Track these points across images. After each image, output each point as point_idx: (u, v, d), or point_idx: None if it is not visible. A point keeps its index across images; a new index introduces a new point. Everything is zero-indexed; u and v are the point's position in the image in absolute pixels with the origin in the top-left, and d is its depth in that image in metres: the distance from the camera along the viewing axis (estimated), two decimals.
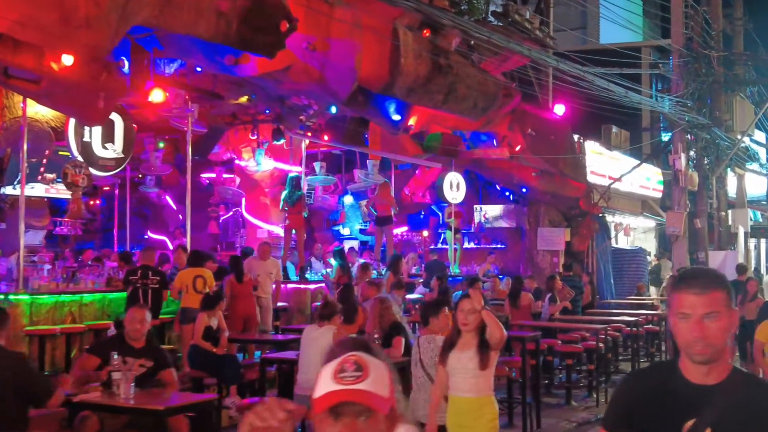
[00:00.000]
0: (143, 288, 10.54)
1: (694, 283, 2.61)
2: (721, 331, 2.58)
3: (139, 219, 24.80)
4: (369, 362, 2.07)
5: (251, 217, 16.36)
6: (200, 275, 11.09)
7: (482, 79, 14.32)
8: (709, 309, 2.56)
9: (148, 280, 10.60)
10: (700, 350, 2.55)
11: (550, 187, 18.57)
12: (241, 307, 11.18)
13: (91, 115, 9.54)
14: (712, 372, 2.59)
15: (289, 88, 12.42)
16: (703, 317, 2.55)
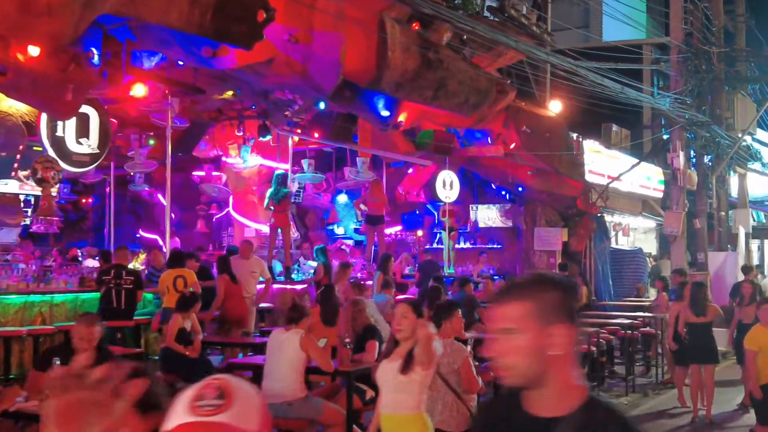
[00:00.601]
0: (116, 288, 10.18)
1: (499, 294, 2.21)
2: (519, 351, 2.09)
3: (133, 217, 24.52)
4: (235, 389, 1.67)
5: (238, 215, 15.98)
6: (181, 275, 10.80)
7: (474, 74, 13.91)
8: (505, 324, 2.12)
9: (122, 280, 10.24)
10: (498, 372, 2.13)
11: (547, 186, 18.18)
12: (234, 308, 10.81)
13: (59, 108, 9.17)
14: (552, 402, 2.11)
15: (273, 82, 12.04)
16: (498, 333, 2.12)
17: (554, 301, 2.13)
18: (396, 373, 5.10)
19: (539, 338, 2.09)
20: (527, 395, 2.16)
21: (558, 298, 2.14)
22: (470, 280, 13.98)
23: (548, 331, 2.09)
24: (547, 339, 2.09)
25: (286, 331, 6.91)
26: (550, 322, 2.10)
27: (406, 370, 5.06)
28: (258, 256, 12.54)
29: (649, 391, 13.31)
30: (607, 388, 13.23)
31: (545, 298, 2.13)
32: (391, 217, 20.22)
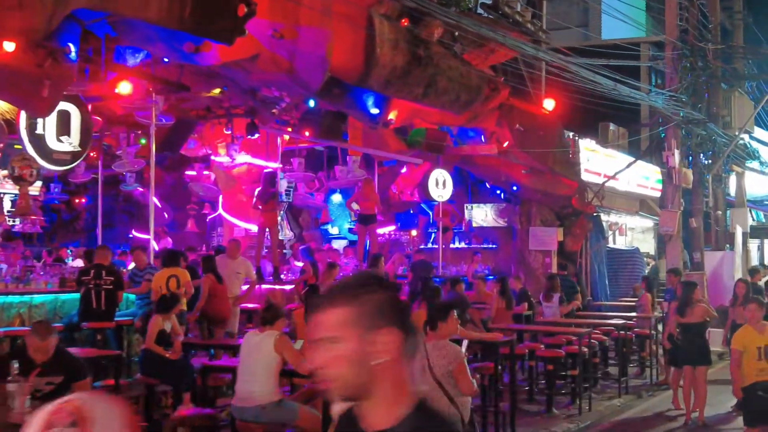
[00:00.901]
0: (96, 289, 9.98)
1: (320, 299, 2.02)
2: (341, 361, 1.91)
3: (127, 217, 24.36)
4: (91, 412, 1.47)
5: (228, 215, 15.78)
6: (174, 275, 10.64)
7: (465, 71, 13.71)
8: (325, 332, 1.94)
9: (102, 280, 10.05)
10: (322, 385, 1.96)
11: (541, 185, 17.99)
12: (218, 308, 10.61)
13: (36, 104, 8.98)
14: (381, 414, 1.97)
15: (259, 79, 11.84)
16: (319, 342, 1.95)
17: (378, 304, 1.96)
18: None
19: (362, 346, 1.92)
20: (358, 408, 2.01)
21: (383, 301, 1.97)
22: (461, 281, 13.78)
23: (371, 338, 1.93)
24: (371, 346, 1.92)
25: (261, 333, 6.71)
26: (373, 327, 1.94)
27: None
28: (245, 257, 12.33)
29: (642, 393, 13.11)
30: (600, 390, 13.03)
31: (367, 302, 1.95)
32: (385, 216, 20.02)
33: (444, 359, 6.04)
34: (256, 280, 13.66)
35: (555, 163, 17.07)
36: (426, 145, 15.71)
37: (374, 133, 15.24)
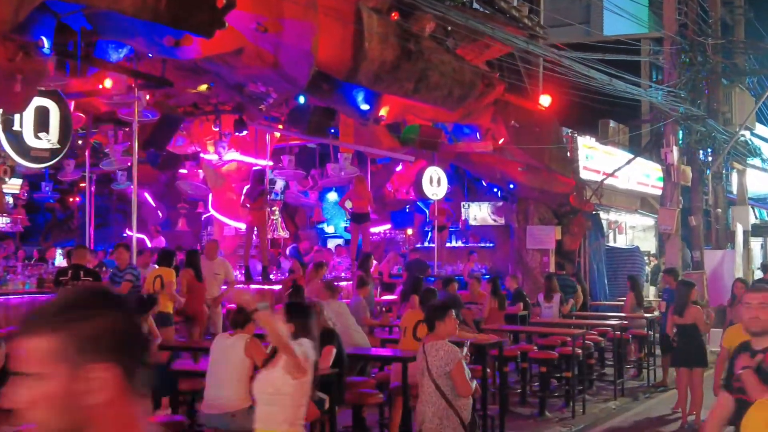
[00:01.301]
0: None
1: (22, 324, 1.63)
2: (46, 402, 1.54)
3: (122, 216, 24.13)
4: None
5: (217, 213, 15.49)
6: (159, 275, 10.49)
7: (458, 66, 13.41)
8: (26, 366, 1.57)
9: (79, 281, 9.75)
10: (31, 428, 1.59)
11: (538, 183, 17.68)
12: (191, 304, 10.32)
13: (9, 100, 8.70)
14: None
15: (244, 74, 11.57)
16: (21, 377, 1.57)
17: (94, 332, 1.56)
18: (269, 383, 4.65)
19: (70, 384, 1.56)
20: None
21: (101, 328, 1.56)
22: (455, 280, 13.51)
23: (83, 374, 1.56)
24: (82, 385, 1.56)
25: (231, 336, 6.42)
26: (85, 361, 1.56)
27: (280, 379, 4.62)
28: (226, 258, 12.07)
29: (639, 395, 12.80)
30: (596, 392, 12.73)
31: (80, 329, 1.55)
32: (380, 215, 19.76)
33: (441, 360, 5.97)
34: (245, 280, 13.43)
35: (551, 160, 16.76)
36: (420, 143, 15.40)
37: (366, 130, 14.95)
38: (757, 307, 4.33)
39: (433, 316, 6.25)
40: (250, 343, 6.27)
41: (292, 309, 4.68)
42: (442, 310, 6.29)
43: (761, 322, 4.29)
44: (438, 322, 6.16)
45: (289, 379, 4.53)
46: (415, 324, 8.72)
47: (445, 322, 6.13)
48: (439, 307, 6.47)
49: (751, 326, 4.36)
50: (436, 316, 6.20)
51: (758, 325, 4.31)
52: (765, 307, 4.31)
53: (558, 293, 14.22)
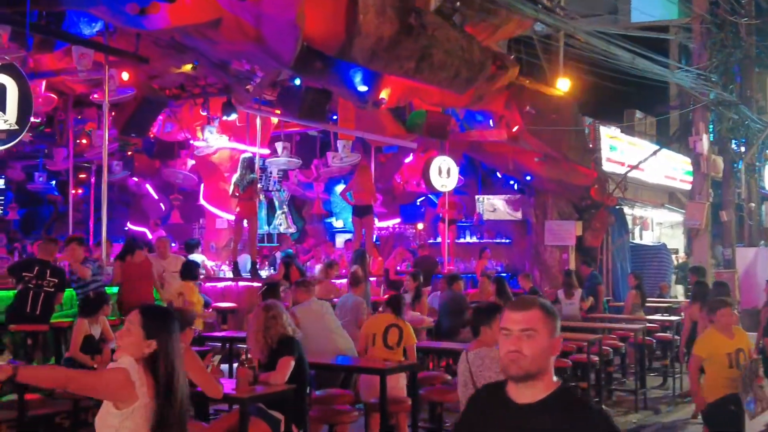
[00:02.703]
0: (36, 290, 8.70)
1: None
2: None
3: (126, 209, 23.31)
4: None
5: (209, 204, 14.46)
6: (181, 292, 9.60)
7: (466, 44, 12.21)
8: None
9: (45, 281, 8.77)
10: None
11: (556, 174, 16.51)
12: (132, 294, 9.27)
13: None
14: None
15: (226, 50, 10.50)
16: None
17: None
18: (100, 418, 3.55)
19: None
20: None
21: None
22: (460, 278, 12.42)
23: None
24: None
25: None
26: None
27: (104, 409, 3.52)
28: (176, 255, 11.07)
29: (662, 407, 11.57)
30: (616, 402, 11.54)
31: None
32: (389, 208, 18.71)
33: (489, 371, 5.16)
34: (233, 276, 12.43)
35: (570, 149, 15.57)
36: (427, 130, 14.25)
37: (369, 116, 13.86)
38: None
39: (479, 320, 5.56)
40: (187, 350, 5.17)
41: (146, 313, 3.57)
42: (489, 312, 5.51)
43: None
44: (484, 328, 5.45)
45: (112, 408, 3.43)
46: (384, 329, 7.65)
47: (492, 326, 5.33)
48: (485, 309, 5.69)
49: None
50: (482, 321, 5.50)
51: None
52: None
53: (579, 289, 13.55)
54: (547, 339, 2.75)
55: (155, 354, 3.49)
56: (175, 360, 3.53)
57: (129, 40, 10.78)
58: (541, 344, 2.74)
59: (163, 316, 3.64)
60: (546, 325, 2.75)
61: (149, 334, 3.53)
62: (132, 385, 3.45)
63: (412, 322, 10.89)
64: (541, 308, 2.79)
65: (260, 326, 5.96)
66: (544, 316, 2.77)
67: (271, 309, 6.05)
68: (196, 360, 5.22)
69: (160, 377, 3.47)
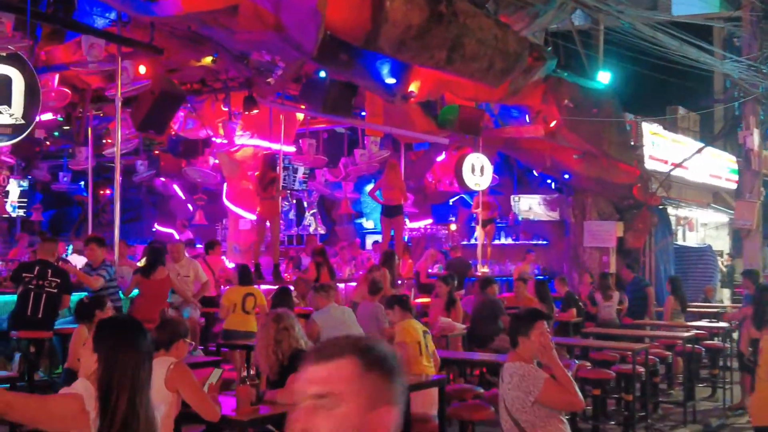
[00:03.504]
0: (37, 291, 8.15)
1: None
2: None
3: (154, 210, 22.96)
4: None
5: (232, 204, 13.90)
6: (251, 293, 9.65)
7: (500, 34, 11.52)
8: None
9: (46, 281, 8.22)
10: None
11: (596, 172, 15.76)
12: (145, 310, 8.70)
13: None
14: None
15: (245, 40, 9.90)
16: None
17: None
18: None
19: None
20: None
21: None
22: (494, 281, 11.70)
23: None
24: None
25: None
26: None
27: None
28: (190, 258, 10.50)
29: (712, 420, 10.75)
30: (662, 416, 10.74)
31: None
32: (420, 208, 18.05)
33: (517, 390, 4.54)
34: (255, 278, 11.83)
35: (611, 146, 14.79)
36: (459, 125, 13.57)
37: (398, 111, 13.21)
38: None
39: (515, 330, 4.76)
40: (175, 370, 4.55)
41: (99, 324, 3.00)
42: (528, 321, 4.71)
43: None
44: (522, 338, 4.68)
45: None
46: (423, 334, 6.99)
47: (531, 337, 4.62)
48: (524, 317, 4.87)
49: None
50: (519, 330, 4.72)
51: None
52: None
53: (617, 291, 13.10)
54: (358, 413, 1.64)
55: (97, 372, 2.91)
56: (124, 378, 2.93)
57: (145, 32, 10.25)
58: (346, 422, 1.64)
59: (114, 326, 3.04)
60: (361, 389, 1.65)
61: (96, 347, 2.94)
62: (85, 416, 2.85)
63: (444, 330, 10.27)
64: (358, 357, 1.68)
65: (270, 339, 5.30)
66: (358, 372, 1.66)
67: (283, 319, 5.38)
68: (188, 377, 4.60)
69: (99, 398, 2.88)
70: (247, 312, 9.49)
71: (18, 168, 18.96)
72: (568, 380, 4.61)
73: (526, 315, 4.91)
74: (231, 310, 9.53)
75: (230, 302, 9.56)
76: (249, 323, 9.45)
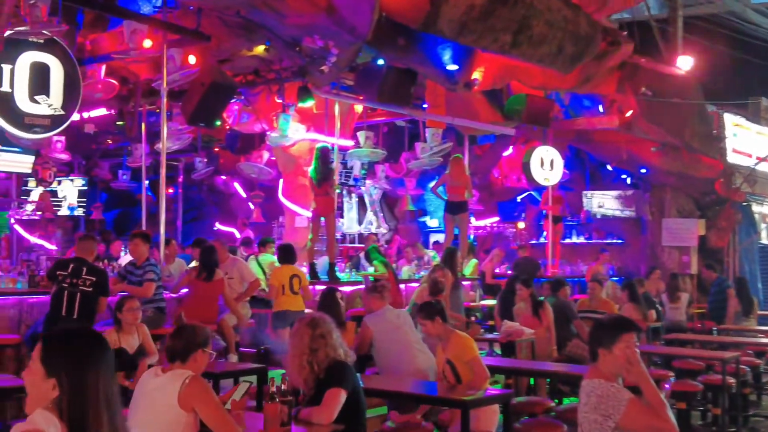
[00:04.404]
0: (71, 290, 7.62)
1: None
2: None
3: (217, 209, 22.70)
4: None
5: (288, 201, 13.32)
6: (296, 274, 9.43)
7: (571, 15, 10.65)
8: None
9: (80, 279, 7.68)
10: None
11: (676, 166, 14.90)
12: (200, 314, 8.12)
13: None
14: None
15: (296, 24, 9.30)
16: None
17: None
18: None
19: None
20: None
21: None
22: (566, 283, 10.84)
23: None
24: None
25: (162, 374, 4.06)
26: None
27: None
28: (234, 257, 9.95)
29: None
30: (752, 429, 9.73)
31: None
32: (486, 205, 17.26)
33: (595, 413, 3.83)
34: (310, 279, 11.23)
35: (693, 137, 13.82)
36: (527, 116, 12.75)
37: (461, 101, 12.46)
38: None
39: (596, 341, 3.98)
40: (190, 386, 3.88)
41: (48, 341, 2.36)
42: (611, 331, 3.92)
43: None
44: (602, 351, 3.91)
45: None
46: None
47: (614, 350, 3.86)
48: (606, 325, 4.04)
49: None
50: (599, 341, 3.94)
51: None
52: None
53: (685, 293, 12.53)
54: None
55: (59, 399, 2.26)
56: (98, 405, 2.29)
57: (194, 20, 9.73)
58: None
59: (69, 341, 2.39)
60: None
61: (51, 371, 2.30)
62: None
63: (510, 335, 9.46)
64: None
65: (304, 347, 4.60)
66: None
67: (319, 325, 4.69)
68: (207, 393, 3.94)
69: None
70: (295, 293, 9.30)
71: (79, 166, 18.82)
72: (659, 402, 3.82)
73: (611, 324, 4.04)
74: (280, 291, 9.26)
75: (279, 283, 9.31)
76: (299, 303, 9.29)
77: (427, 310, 6.26)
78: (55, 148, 13.58)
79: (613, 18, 13.14)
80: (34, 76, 8.24)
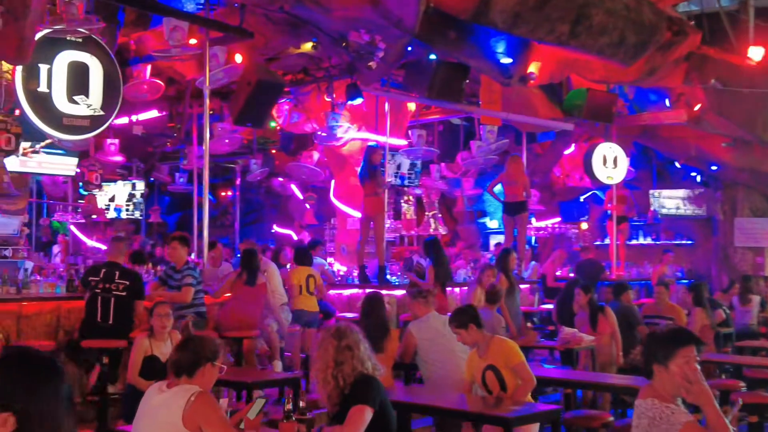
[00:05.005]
0: (104, 295, 7.41)
1: None
2: None
3: (275, 212, 22.62)
4: None
5: (339, 202, 13.00)
6: (312, 275, 9.58)
7: (633, 3, 10.06)
8: None
9: (113, 284, 7.47)
10: None
11: (749, 162, 14.27)
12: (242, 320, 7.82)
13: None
14: None
15: (342, 18, 8.97)
16: None
17: None
18: None
19: None
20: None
21: None
22: (629, 287, 10.27)
23: None
24: None
25: (167, 389, 3.71)
26: None
27: None
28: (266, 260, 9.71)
29: None
30: None
31: None
32: (547, 206, 16.69)
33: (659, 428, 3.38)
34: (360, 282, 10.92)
35: (765, 131, 13.05)
36: (588, 112, 12.19)
37: (517, 97, 11.96)
38: None
39: (650, 356, 3.52)
40: (197, 402, 3.53)
41: None
42: (667, 344, 3.47)
43: None
44: (657, 367, 3.46)
45: None
46: None
47: (670, 367, 3.40)
48: (661, 338, 3.56)
49: None
50: (654, 356, 3.49)
51: None
52: None
53: (756, 296, 11.97)
54: None
55: None
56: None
57: (239, 17, 9.48)
58: None
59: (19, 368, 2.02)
60: None
61: (3, 402, 1.94)
62: None
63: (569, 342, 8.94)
64: None
65: (329, 360, 4.21)
66: None
67: (345, 336, 4.27)
68: (214, 410, 3.58)
69: None
70: (310, 293, 9.47)
71: (137, 170, 18.85)
72: (722, 426, 3.32)
73: (666, 337, 3.51)
74: (298, 291, 9.43)
75: (298, 282, 9.45)
76: (314, 304, 9.50)
77: (459, 318, 5.82)
78: (109, 151, 13.50)
79: (680, 10, 12.52)
80: (73, 76, 8.10)
